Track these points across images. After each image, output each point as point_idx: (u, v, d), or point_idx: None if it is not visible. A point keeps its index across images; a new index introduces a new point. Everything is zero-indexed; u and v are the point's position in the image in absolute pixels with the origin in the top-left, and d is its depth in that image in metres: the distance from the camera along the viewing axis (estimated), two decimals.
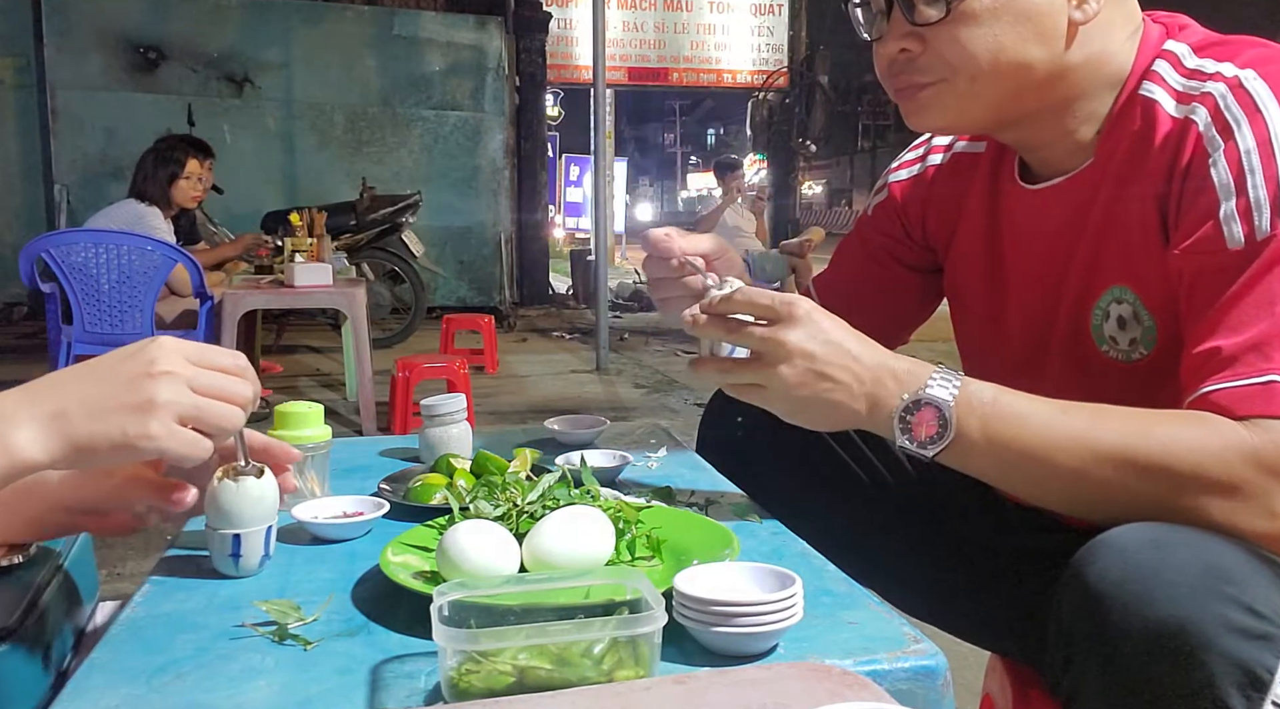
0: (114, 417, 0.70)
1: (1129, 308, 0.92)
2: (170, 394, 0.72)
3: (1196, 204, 0.84)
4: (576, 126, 14.03)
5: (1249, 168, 0.81)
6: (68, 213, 7.24)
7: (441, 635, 0.64)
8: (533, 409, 4.73)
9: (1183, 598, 0.67)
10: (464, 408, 1.25)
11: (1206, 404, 0.78)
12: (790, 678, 0.62)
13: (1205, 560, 0.69)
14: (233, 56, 7.86)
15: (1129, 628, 0.68)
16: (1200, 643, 0.65)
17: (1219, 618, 0.66)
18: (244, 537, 0.86)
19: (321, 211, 4.81)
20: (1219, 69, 0.87)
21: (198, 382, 0.74)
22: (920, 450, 0.85)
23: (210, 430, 0.74)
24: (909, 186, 1.19)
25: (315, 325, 6.92)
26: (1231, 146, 0.83)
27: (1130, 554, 0.71)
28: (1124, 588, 0.69)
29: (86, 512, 0.88)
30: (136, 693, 0.68)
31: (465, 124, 8.53)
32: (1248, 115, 0.83)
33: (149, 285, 3.74)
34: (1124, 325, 0.93)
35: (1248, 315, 0.79)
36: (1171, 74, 0.91)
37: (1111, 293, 0.94)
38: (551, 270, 9.87)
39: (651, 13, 11.43)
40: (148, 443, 0.71)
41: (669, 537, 0.91)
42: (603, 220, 6.28)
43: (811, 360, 0.86)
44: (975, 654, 1.22)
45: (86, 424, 0.70)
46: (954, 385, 0.84)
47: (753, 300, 0.88)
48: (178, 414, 0.72)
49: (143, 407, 0.71)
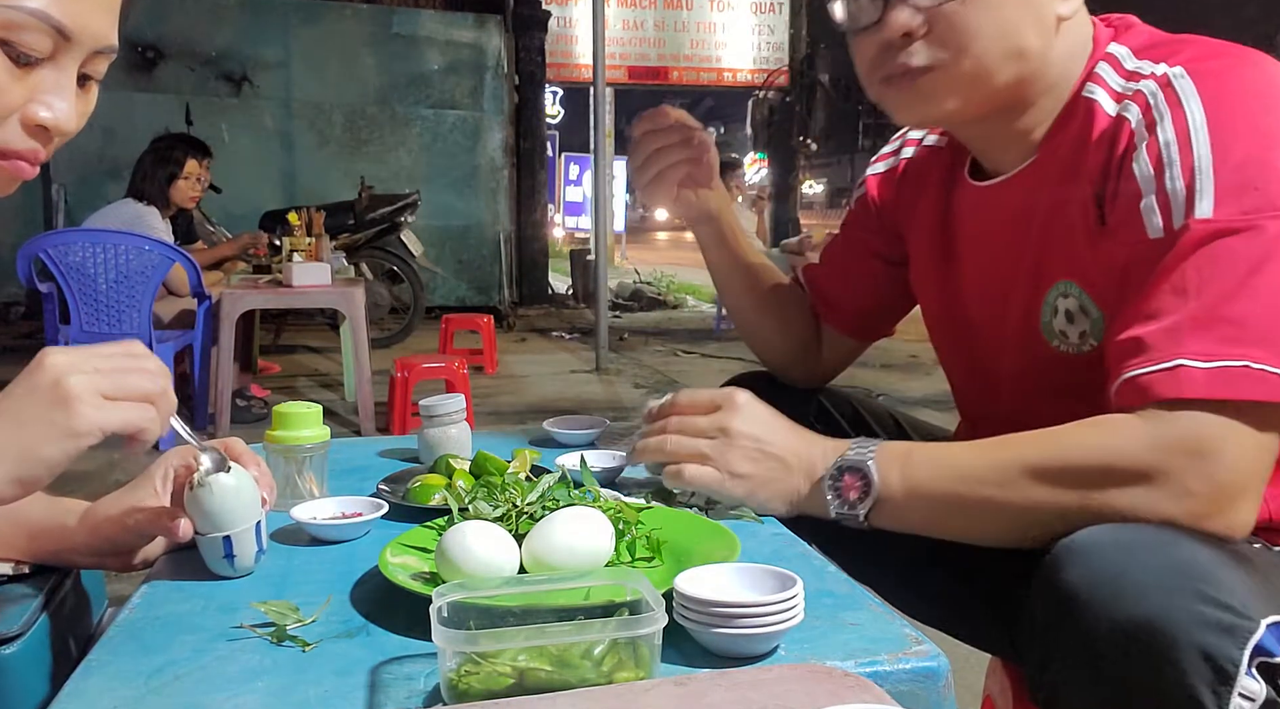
0: (37, 419, 0.69)
1: (1075, 301, 0.94)
2: (76, 376, 0.70)
3: (1122, 196, 0.87)
4: (576, 125, 14.03)
5: (1168, 160, 0.83)
6: (65, 212, 7.23)
7: (441, 637, 0.63)
8: (532, 409, 4.72)
9: (1151, 596, 0.68)
10: (463, 408, 1.25)
11: (1125, 389, 0.81)
12: (791, 679, 0.62)
13: (1169, 557, 0.71)
14: (231, 55, 7.85)
15: (1100, 629, 0.69)
16: (1171, 640, 0.67)
17: (1187, 613, 0.67)
18: (234, 537, 0.86)
19: (320, 211, 4.81)
20: (1153, 69, 0.89)
21: (96, 362, 0.72)
22: (852, 512, 0.90)
23: (137, 397, 0.73)
24: (883, 180, 1.23)
25: (313, 325, 6.91)
26: (1153, 140, 0.85)
27: (1095, 556, 0.72)
28: (1093, 590, 0.70)
29: (107, 554, 0.91)
30: (134, 694, 0.68)
31: (464, 123, 8.52)
32: (1171, 109, 0.85)
33: (147, 285, 3.73)
34: (1072, 319, 0.95)
35: (1163, 302, 0.81)
36: (1112, 75, 0.93)
37: (1058, 288, 0.96)
38: (551, 270, 9.87)
39: (651, 11, 11.42)
40: (82, 423, 0.69)
41: (669, 537, 0.90)
42: (603, 220, 6.28)
43: (757, 442, 0.95)
44: (976, 655, 1.22)
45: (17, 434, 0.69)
46: (870, 448, 0.91)
47: (694, 399, 1.00)
48: (96, 389, 0.71)
49: (57, 396, 0.70)
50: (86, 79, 0.72)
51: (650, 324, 8.27)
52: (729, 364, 6.08)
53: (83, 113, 0.72)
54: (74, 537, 0.89)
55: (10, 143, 0.68)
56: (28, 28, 0.65)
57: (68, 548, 0.89)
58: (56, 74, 0.69)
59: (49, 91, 0.68)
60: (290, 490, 1.06)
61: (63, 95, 0.69)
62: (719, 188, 1.25)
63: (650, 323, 8.36)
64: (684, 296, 10.25)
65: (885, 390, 5.07)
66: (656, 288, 10.16)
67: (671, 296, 9.94)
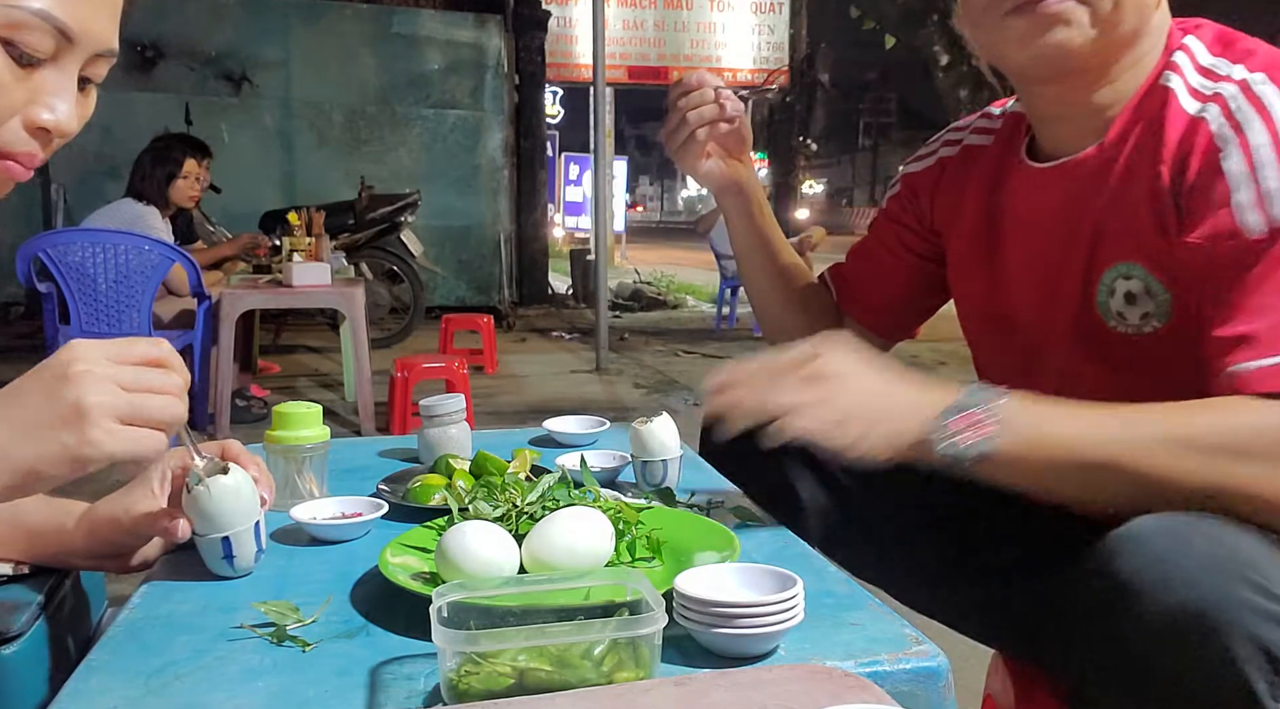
0: (48, 433, 0.67)
1: (1139, 283, 0.95)
2: (98, 395, 0.68)
3: (1210, 195, 0.89)
4: (576, 125, 14.03)
5: (1260, 161, 0.86)
6: (64, 212, 7.22)
7: (441, 637, 0.63)
8: (532, 409, 4.72)
9: (1203, 583, 0.69)
10: (463, 408, 1.25)
11: (1233, 383, 0.83)
12: (791, 679, 0.62)
13: (1222, 547, 0.72)
14: (230, 55, 7.84)
15: (1147, 614, 0.70)
16: (1222, 626, 0.67)
17: (1240, 602, 0.68)
18: (233, 537, 0.86)
19: (320, 211, 4.80)
20: (1230, 72, 0.93)
21: (122, 378, 0.70)
22: (963, 453, 0.85)
23: (153, 425, 0.71)
24: (920, 177, 1.25)
25: (313, 325, 6.91)
26: (1243, 142, 0.88)
27: (1146, 544, 0.73)
28: (1142, 576, 0.71)
29: (106, 556, 0.90)
30: (134, 694, 0.68)
31: (464, 123, 8.52)
32: (1259, 114, 0.88)
33: (146, 285, 3.73)
34: (1133, 300, 0.96)
35: (1269, 299, 0.83)
36: (1189, 67, 0.95)
37: (1118, 269, 0.97)
38: (551, 270, 9.87)
39: (651, 11, 11.43)
40: (92, 450, 0.68)
41: (669, 538, 0.90)
42: (603, 220, 6.28)
43: (862, 382, 0.90)
44: (977, 655, 1.22)
45: (23, 448, 0.67)
46: (993, 393, 0.87)
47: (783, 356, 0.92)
48: (114, 414, 0.69)
49: (74, 415, 0.68)
50: (86, 82, 0.72)
51: (650, 324, 8.26)
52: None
53: (82, 116, 0.72)
54: (73, 538, 0.89)
55: (10, 143, 0.68)
56: (30, 27, 0.65)
57: (67, 549, 0.89)
58: (58, 76, 0.69)
59: (51, 93, 0.68)
60: (290, 490, 1.06)
61: (64, 97, 0.69)
62: (749, 162, 1.26)
63: (650, 323, 8.36)
64: (684, 296, 10.24)
65: None
66: (656, 288, 10.16)
67: (671, 296, 9.94)
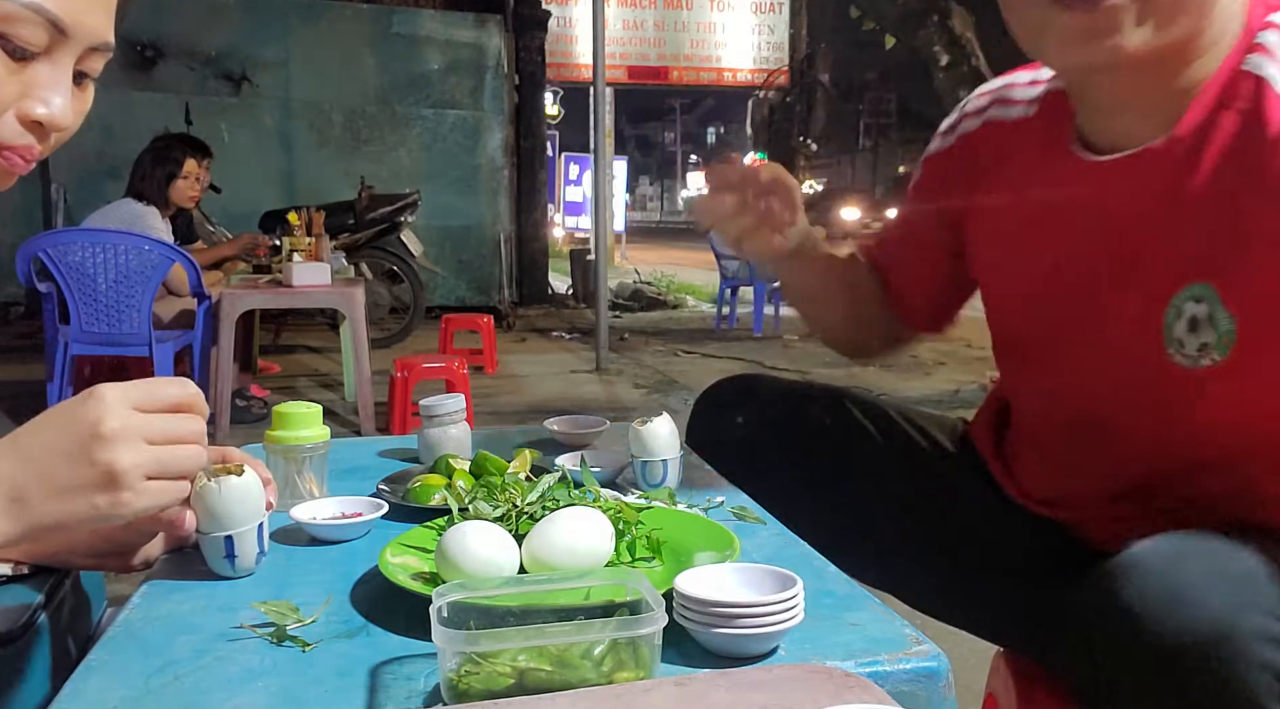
0: (79, 496, 0.68)
1: (1205, 309, 0.83)
2: (130, 458, 0.69)
3: None
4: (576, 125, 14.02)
5: None
6: (64, 212, 7.22)
7: (441, 637, 0.63)
8: (532, 409, 4.72)
9: (1215, 609, 0.67)
10: (463, 408, 1.25)
11: None
12: (791, 680, 0.62)
13: (1230, 571, 0.70)
14: (230, 55, 7.84)
15: (1161, 643, 0.67)
16: (1237, 654, 0.65)
17: (1253, 628, 0.66)
18: (236, 537, 0.86)
19: (320, 211, 4.80)
20: None
21: (151, 431, 0.70)
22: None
23: (176, 476, 0.73)
24: (940, 161, 1.13)
25: (313, 325, 6.91)
26: None
27: (1154, 569, 0.70)
28: (1153, 604, 0.68)
29: (108, 554, 0.90)
30: (134, 695, 0.68)
31: (464, 123, 8.52)
32: None
33: (146, 285, 3.73)
34: (1195, 327, 0.84)
35: None
36: None
37: (1191, 290, 0.84)
38: (551, 270, 9.87)
39: (651, 11, 11.43)
40: (124, 510, 0.69)
41: (669, 537, 0.90)
42: (603, 219, 6.27)
43: None
44: (977, 655, 1.22)
45: (49, 506, 0.67)
46: None
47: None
48: (144, 472, 0.70)
49: (107, 480, 0.68)
50: (83, 77, 0.72)
51: (650, 324, 8.26)
52: (729, 364, 6.08)
53: (79, 111, 0.72)
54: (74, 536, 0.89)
55: (5, 137, 0.68)
56: (23, 20, 0.65)
57: (67, 548, 0.89)
58: (52, 69, 0.68)
59: (44, 87, 0.68)
60: (290, 490, 1.06)
61: (58, 91, 0.69)
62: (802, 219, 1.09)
63: (650, 323, 8.36)
64: (684, 296, 10.24)
65: (885, 390, 5.06)
66: (656, 288, 10.16)
67: (671, 296, 9.94)
